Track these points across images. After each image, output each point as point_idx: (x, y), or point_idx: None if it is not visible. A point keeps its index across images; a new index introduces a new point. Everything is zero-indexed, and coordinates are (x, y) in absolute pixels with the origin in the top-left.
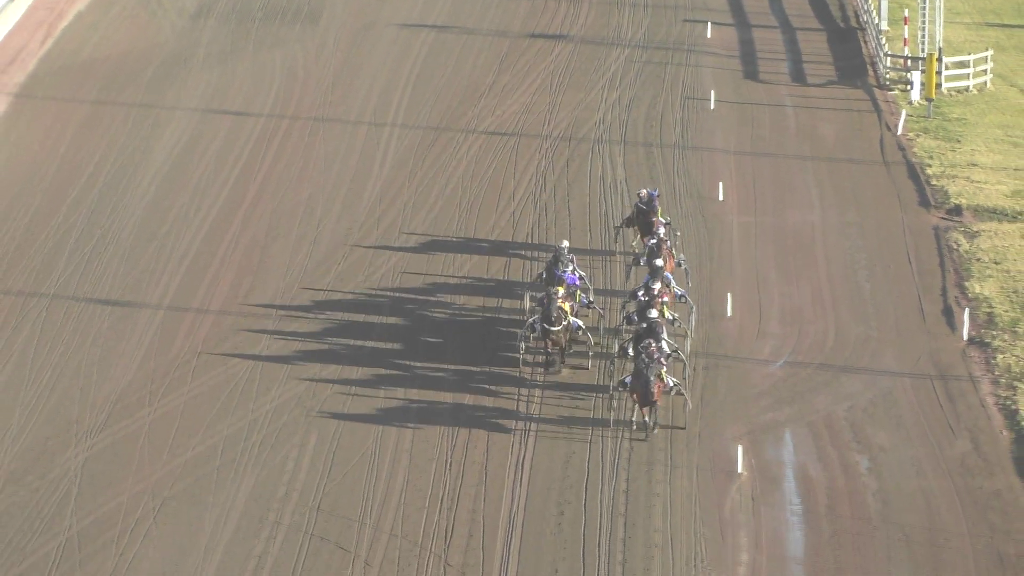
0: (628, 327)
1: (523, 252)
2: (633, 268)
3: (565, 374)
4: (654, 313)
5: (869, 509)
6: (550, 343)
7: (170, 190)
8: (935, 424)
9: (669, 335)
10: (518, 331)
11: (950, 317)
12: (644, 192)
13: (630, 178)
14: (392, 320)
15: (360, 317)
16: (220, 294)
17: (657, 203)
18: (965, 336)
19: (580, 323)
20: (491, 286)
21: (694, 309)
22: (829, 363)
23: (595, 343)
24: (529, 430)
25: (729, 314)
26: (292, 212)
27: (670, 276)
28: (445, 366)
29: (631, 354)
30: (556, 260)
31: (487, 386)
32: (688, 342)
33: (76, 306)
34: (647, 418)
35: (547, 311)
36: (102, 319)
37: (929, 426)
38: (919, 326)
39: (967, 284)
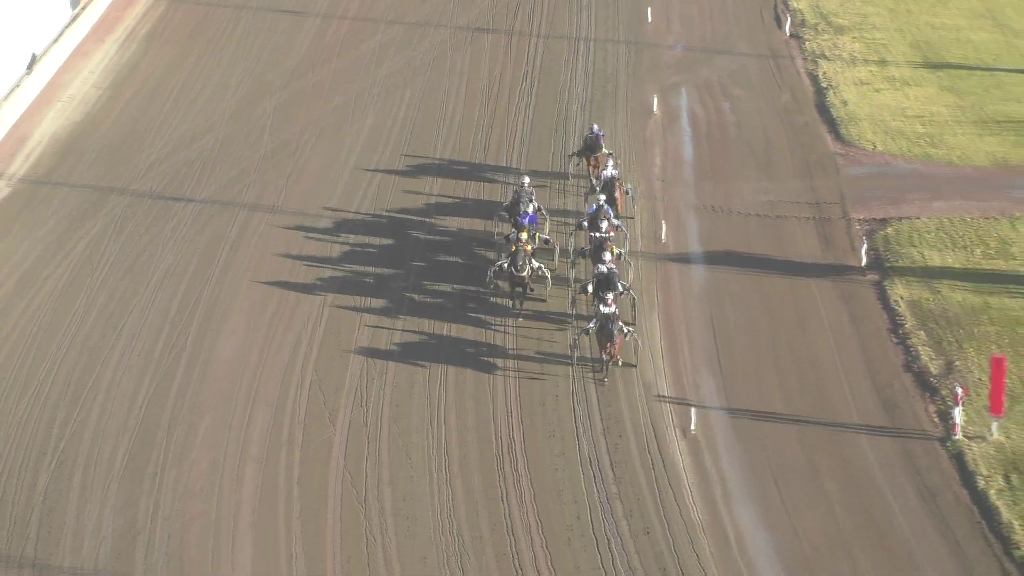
0: (582, 259)
1: (529, 35)
2: (588, 196)
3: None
4: (607, 256)
5: (730, 133)
6: (516, 284)
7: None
8: (770, 84)
9: (615, 264)
10: (487, 270)
11: (779, 21)
12: (594, 128)
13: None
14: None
15: (427, 73)
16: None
17: (602, 140)
18: (787, 32)
19: (541, 265)
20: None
21: (627, 237)
22: (708, 48)
23: (552, 271)
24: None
25: (649, 20)
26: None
27: (609, 208)
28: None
29: (590, 291)
30: (517, 200)
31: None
32: (631, 271)
33: (269, 15)
34: (606, 362)
35: (513, 258)
36: (282, 26)
37: (766, 85)
38: (760, 27)
39: (789, 2)
